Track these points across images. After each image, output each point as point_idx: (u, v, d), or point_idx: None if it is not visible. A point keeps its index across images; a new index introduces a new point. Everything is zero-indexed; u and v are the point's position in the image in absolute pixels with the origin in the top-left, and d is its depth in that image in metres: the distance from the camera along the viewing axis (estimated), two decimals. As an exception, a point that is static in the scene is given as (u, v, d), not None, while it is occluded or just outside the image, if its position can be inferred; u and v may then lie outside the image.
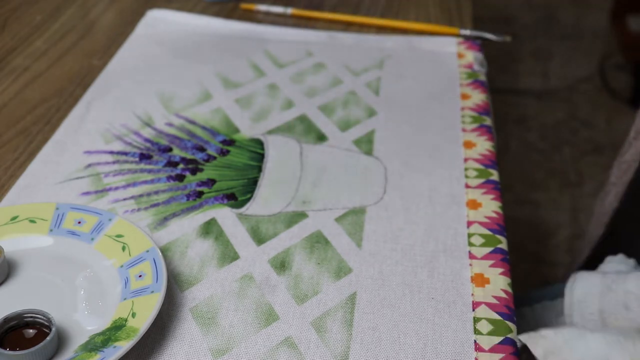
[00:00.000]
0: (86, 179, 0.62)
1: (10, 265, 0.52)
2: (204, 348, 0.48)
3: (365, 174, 0.63)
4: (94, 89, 0.74)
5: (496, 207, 0.60)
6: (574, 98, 1.99)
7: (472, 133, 0.68)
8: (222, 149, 0.66)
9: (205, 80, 0.76)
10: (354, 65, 0.79)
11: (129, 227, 0.54)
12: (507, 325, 0.50)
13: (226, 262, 0.54)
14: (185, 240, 0.56)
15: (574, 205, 1.62)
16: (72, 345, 0.46)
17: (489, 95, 0.75)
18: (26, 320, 0.47)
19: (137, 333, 0.45)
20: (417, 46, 0.83)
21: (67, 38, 0.83)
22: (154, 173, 0.63)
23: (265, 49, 0.82)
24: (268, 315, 0.50)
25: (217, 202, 0.60)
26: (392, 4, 0.93)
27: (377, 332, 0.49)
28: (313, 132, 0.69)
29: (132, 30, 0.84)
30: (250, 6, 0.90)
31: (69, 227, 0.54)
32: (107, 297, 0.50)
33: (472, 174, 0.63)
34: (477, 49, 0.81)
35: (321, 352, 0.48)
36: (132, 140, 0.67)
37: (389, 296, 0.52)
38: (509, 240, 0.57)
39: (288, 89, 0.75)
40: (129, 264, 0.51)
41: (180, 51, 0.81)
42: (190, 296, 0.52)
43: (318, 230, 0.57)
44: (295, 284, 0.53)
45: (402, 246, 0.56)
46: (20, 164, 0.63)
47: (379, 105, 0.73)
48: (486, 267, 0.54)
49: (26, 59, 0.79)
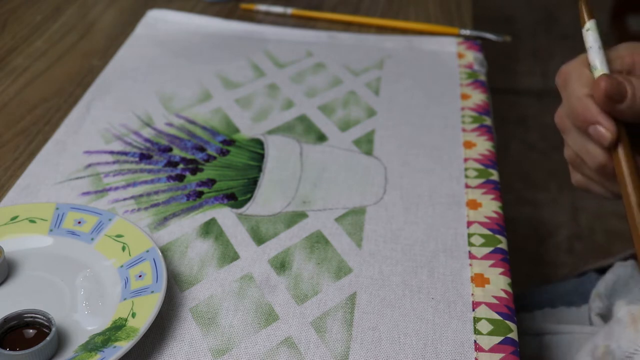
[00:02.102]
0: (86, 179, 0.62)
1: (10, 265, 0.52)
2: (204, 348, 0.48)
3: (365, 174, 0.63)
4: (94, 89, 0.74)
5: (496, 207, 0.60)
6: (574, 98, 1.98)
7: (472, 133, 0.68)
8: (222, 149, 0.66)
9: (205, 80, 0.76)
10: (354, 65, 0.79)
11: (129, 227, 0.54)
12: (507, 325, 0.50)
13: (226, 262, 0.54)
14: (185, 240, 0.56)
15: (574, 205, 1.62)
16: (72, 345, 0.46)
17: (489, 95, 0.75)
18: (26, 320, 0.47)
19: (137, 333, 0.45)
20: (417, 46, 0.83)
21: (67, 38, 0.83)
22: (154, 173, 0.63)
23: (265, 49, 0.82)
24: (268, 315, 0.50)
25: (217, 202, 0.60)
26: (392, 4, 0.93)
27: (377, 332, 0.49)
28: (313, 132, 0.69)
29: (132, 30, 0.84)
30: (250, 6, 0.90)
31: (69, 227, 0.54)
32: (107, 297, 0.50)
33: (472, 174, 0.63)
34: (477, 49, 0.81)
35: (321, 352, 0.48)
36: (132, 140, 0.67)
37: (389, 296, 0.52)
38: (509, 240, 0.57)
39: (288, 89, 0.75)
40: (129, 264, 0.51)
41: (180, 51, 0.81)
42: (190, 296, 0.52)
43: (318, 230, 0.57)
44: (295, 284, 0.53)
45: (402, 246, 0.56)
46: (20, 164, 0.63)
47: (379, 105, 0.73)
48: (486, 267, 0.54)
49: (26, 59, 0.79)
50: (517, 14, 2.33)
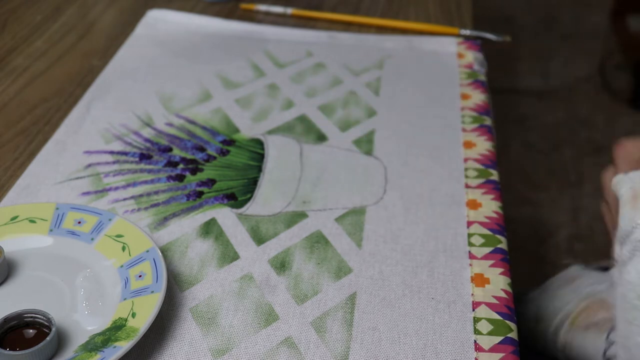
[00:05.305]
0: (86, 179, 0.62)
1: (10, 265, 0.52)
2: (204, 348, 0.48)
3: (365, 174, 0.63)
4: (94, 89, 0.74)
5: (496, 207, 0.60)
6: (574, 98, 1.99)
7: (472, 133, 0.68)
8: (222, 149, 0.66)
9: (205, 80, 0.76)
10: (354, 65, 0.79)
11: (129, 227, 0.54)
12: (507, 325, 0.50)
13: (226, 262, 0.54)
14: (185, 240, 0.56)
15: (574, 205, 1.62)
16: (72, 345, 0.46)
17: (489, 95, 0.75)
18: (26, 320, 0.47)
19: (137, 333, 0.45)
20: (417, 46, 0.83)
21: (67, 38, 0.83)
22: (154, 173, 0.63)
23: (265, 49, 0.82)
24: (268, 315, 0.50)
25: (217, 202, 0.60)
26: (392, 4, 0.93)
27: (377, 332, 0.49)
28: (313, 132, 0.69)
29: (132, 30, 0.84)
30: (250, 6, 0.90)
31: (69, 227, 0.54)
32: (107, 297, 0.50)
33: (472, 174, 0.63)
34: (477, 49, 0.81)
35: (321, 352, 0.48)
36: (132, 140, 0.67)
37: (389, 296, 0.52)
38: (509, 240, 0.57)
39: (288, 89, 0.75)
40: (129, 264, 0.51)
41: (180, 51, 0.81)
42: (190, 296, 0.52)
43: (318, 230, 0.57)
44: (295, 284, 0.53)
45: (402, 246, 0.56)
46: (20, 164, 0.63)
47: (379, 105, 0.73)
48: (486, 267, 0.54)
49: (26, 59, 0.79)
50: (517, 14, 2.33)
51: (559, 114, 1.93)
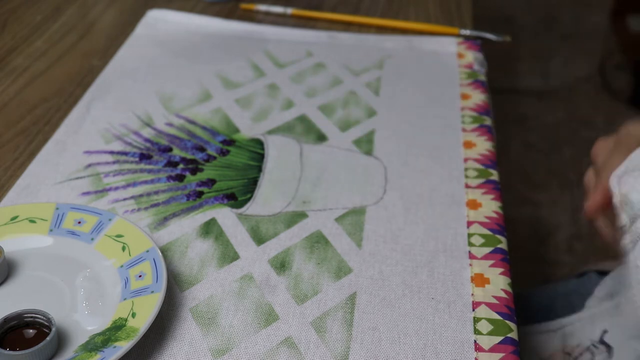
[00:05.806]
0: (86, 179, 0.62)
1: (10, 265, 0.52)
2: (204, 348, 0.48)
3: (365, 174, 0.63)
4: (94, 89, 0.74)
5: (496, 207, 0.60)
6: (574, 98, 1.99)
7: (472, 133, 0.68)
8: (222, 149, 0.66)
9: (205, 80, 0.76)
10: (354, 65, 0.79)
11: (129, 227, 0.54)
12: (507, 325, 0.50)
13: (226, 262, 0.54)
14: (185, 240, 0.56)
15: (574, 205, 1.62)
16: (72, 345, 0.46)
17: (489, 95, 0.75)
18: (26, 320, 0.47)
19: (137, 333, 0.45)
20: (417, 46, 0.83)
21: (67, 38, 0.83)
22: (154, 173, 0.63)
23: (265, 49, 0.82)
24: (268, 315, 0.50)
25: (217, 202, 0.60)
26: (392, 4, 0.93)
27: (377, 332, 0.49)
28: (313, 132, 0.69)
29: (132, 30, 0.84)
30: (250, 6, 0.90)
31: (69, 227, 0.54)
32: (107, 297, 0.50)
33: (472, 174, 0.63)
34: (477, 49, 0.81)
35: (321, 352, 0.48)
36: (132, 140, 0.67)
37: (389, 296, 0.52)
38: (509, 240, 0.57)
39: (288, 89, 0.75)
40: (129, 264, 0.51)
41: (180, 51, 0.81)
42: (190, 296, 0.52)
43: (318, 230, 0.57)
44: (295, 284, 0.53)
45: (402, 246, 0.56)
46: (20, 164, 0.63)
47: (379, 105, 0.73)
48: (486, 267, 0.54)
49: (26, 59, 0.79)
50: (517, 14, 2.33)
51: (559, 114, 1.93)
